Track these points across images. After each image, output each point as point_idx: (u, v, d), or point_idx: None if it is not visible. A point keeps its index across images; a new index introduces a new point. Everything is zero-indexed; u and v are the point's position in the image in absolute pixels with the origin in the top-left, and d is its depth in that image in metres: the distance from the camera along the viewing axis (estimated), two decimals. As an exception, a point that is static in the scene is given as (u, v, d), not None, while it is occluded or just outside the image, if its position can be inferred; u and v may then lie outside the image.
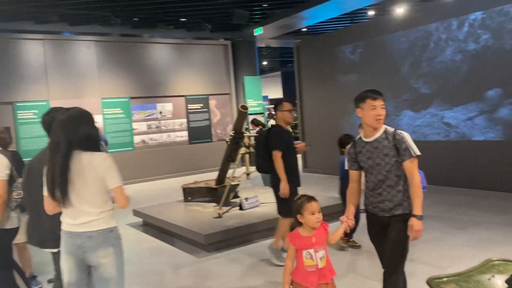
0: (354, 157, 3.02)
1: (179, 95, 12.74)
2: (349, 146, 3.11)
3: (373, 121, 2.86)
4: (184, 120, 12.75)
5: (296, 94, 12.02)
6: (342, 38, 10.50)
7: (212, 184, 6.93)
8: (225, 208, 6.15)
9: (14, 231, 3.34)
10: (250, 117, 10.76)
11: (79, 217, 2.46)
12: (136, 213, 6.90)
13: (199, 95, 13.04)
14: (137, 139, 11.95)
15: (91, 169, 2.44)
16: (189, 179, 9.25)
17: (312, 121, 11.41)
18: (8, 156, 3.31)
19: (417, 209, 2.77)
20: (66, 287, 2.56)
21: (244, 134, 6.54)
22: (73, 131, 2.47)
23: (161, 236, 6.08)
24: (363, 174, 3.05)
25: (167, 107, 12.51)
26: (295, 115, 6.49)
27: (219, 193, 6.57)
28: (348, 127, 9.67)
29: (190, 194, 7.14)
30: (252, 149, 6.69)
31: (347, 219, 2.87)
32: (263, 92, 14.61)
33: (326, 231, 2.80)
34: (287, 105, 4.53)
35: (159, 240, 5.98)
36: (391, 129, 2.91)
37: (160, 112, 12.37)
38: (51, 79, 10.83)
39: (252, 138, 7.54)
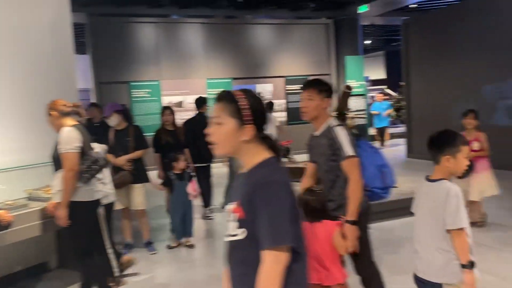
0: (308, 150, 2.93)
1: (279, 76, 12.82)
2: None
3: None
4: (283, 101, 12.82)
5: (401, 75, 11.35)
6: (456, 14, 9.61)
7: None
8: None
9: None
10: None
11: None
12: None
13: (299, 76, 12.97)
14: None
15: None
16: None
17: (419, 104, 10.71)
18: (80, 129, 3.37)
19: (349, 214, 2.57)
20: None
21: (346, 116, 6.36)
22: None
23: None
24: None
25: (267, 87, 12.67)
26: (400, 96, 6.12)
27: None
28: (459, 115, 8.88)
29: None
30: (355, 131, 6.47)
31: None
32: (364, 73, 14.04)
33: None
34: None
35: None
36: (333, 123, 2.69)
37: (259, 93, 12.56)
38: (163, 60, 11.57)
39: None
